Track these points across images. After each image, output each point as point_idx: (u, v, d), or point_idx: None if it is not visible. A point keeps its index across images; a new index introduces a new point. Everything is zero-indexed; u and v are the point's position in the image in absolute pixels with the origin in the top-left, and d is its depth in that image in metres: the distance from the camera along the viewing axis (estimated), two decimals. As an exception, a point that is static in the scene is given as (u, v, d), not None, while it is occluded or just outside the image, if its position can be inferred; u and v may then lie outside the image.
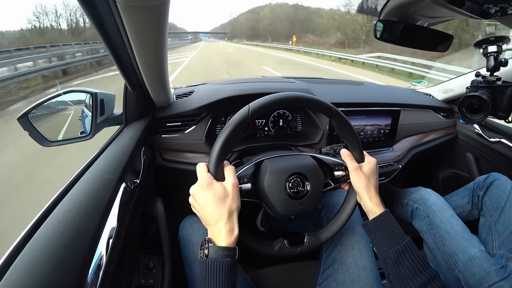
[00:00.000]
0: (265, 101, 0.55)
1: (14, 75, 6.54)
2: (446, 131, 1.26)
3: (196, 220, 0.75)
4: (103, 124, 0.79)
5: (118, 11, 0.45)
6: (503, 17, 0.56)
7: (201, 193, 0.51)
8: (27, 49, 11.77)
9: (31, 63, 7.24)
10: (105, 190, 0.53)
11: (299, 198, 0.60)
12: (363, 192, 0.61)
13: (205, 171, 0.53)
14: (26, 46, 12.54)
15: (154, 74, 0.71)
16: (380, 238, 0.58)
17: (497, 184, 0.89)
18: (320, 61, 13.99)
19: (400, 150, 1.12)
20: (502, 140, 1.09)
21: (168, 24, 0.53)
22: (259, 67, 11.58)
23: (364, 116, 1.02)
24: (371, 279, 0.65)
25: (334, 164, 0.66)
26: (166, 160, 0.93)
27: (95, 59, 10.76)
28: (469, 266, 0.74)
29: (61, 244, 0.39)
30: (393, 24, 0.71)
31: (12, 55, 9.82)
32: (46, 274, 0.35)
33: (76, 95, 0.77)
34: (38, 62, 7.63)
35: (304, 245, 0.62)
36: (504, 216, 0.83)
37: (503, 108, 0.82)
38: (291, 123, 1.05)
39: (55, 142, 0.73)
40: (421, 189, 1.01)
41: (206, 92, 1.02)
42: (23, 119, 0.66)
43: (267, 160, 0.63)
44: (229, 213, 0.50)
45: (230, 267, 0.47)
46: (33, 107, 0.67)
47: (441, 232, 0.84)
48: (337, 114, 0.59)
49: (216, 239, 0.50)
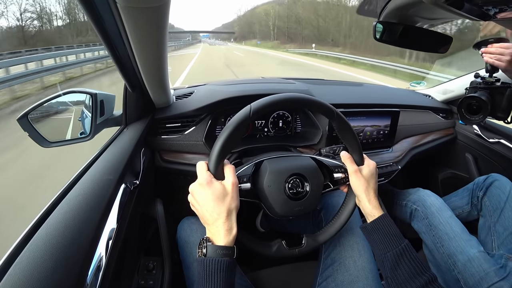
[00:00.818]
0: (267, 101, 0.55)
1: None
2: (445, 132, 1.27)
3: (194, 221, 0.75)
4: (102, 125, 0.79)
5: (118, 12, 0.45)
6: (502, 19, 0.56)
7: (200, 191, 0.51)
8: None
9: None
10: (104, 191, 0.53)
11: (298, 199, 0.60)
12: (362, 195, 0.61)
13: (205, 169, 0.53)
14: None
15: (154, 75, 0.71)
16: (378, 241, 0.58)
17: (496, 184, 0.89)
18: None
19: (400, 151, 1.13)
20: (501, 140, 1.10)
21: (168, 25, 0.53)
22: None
23: (363, 117, 1.02)
24: (370, 279, 0.65)
25: (333, 166, 0.66)
26: (165, 161, 0.93)
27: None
28: (468, 266, 0.74)
29: (60, 245, 0.39)
30: (392, 26, 0.71)
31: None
32: (46, 275, 0.34)
33: (76, 95, 0.77)
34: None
35: (302, 246, 0.62)
36: (504, 216, 0.83)
37: (502, 109, 0.82)
38: (290, 124, 1.05)
39: (54, 143, 0.72)
40: (419, 190, 1.01)
41: (206, 93, 1.02)
42: (23, 120, 0.66)
43: (267, 160, 0.63)
44: (228, 212, 0.50)
45: (228, 266, 0.47)
46: (33, 107, 0.67)
47: (440, 233, 0.84)
48: (337, 116, 0.60)
49: (215, 238, 0.49)
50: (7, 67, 5.68)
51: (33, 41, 29.49)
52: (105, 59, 10.02)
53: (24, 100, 5.33)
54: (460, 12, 0.52)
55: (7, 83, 5.32)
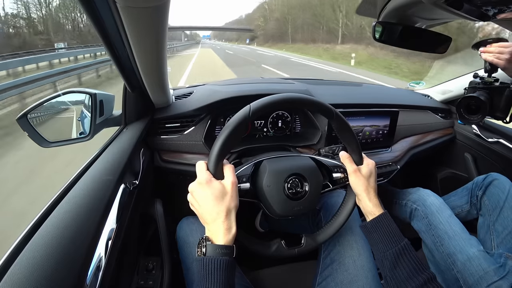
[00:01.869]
0: (267, 101, 0.55)
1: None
2: (444, 132, 1.27)
3: (194, 221, 0.75)
4: (102, 125, 0.79)
5: (118, 12, 0.45)
6: (502, 19, 0.56)
7: (199, 191, 0.51)
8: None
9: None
10: (104, 191, 0.53)
11: (298, 199, 0.60)
12: (363, 194, 0.61)
13: (205, 169, 0.53)
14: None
15: (153, 75, 0.71)
16: (378, 239, 0.58)
17: (495, 184, 0.90)
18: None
19: (399, 151, 1.13)
20: (500, 140, 1.10)
21: (167, 25, 0.53)
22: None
23: (362, 117, 1.02)
24: (369, 279, 0.65)
25: (332, 166, 0.66)
26: (165, 161, 0.93)
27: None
28: (468, 265, 0.74)
29: (60, 245, 0.39)
30: (392, 26, 0.71)
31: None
32: (45, 276, 0.34)
33: (75, 95, 0.77)
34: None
35: (301, 246, 0.62)
36: (503, 215, 0.83)
37: (501, 109, 0.83)
38: (290, 124, 1.05)
39: (54, 143, 0.72)
40: (420, 189, 1.01)
41: (205, 93, 1.02)
42: (22, 120, 0.66)
43: (266, 160, 0.63)
44: (227, 211, 0.50)
45: (227, 265, 0.47)
46: (33, 107, 0.67)
47: (439, 232, 0.84)
48: (336, 116, 0.60)
49: (214, 237, 0.49)
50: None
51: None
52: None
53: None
54: (459, 13, 0.52)
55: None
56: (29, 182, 2.38)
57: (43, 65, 7.75)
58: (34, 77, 5.08)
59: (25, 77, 5.07)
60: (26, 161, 2.84)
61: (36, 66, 7.62)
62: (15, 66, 6.26)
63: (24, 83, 4.73)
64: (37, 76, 5.23)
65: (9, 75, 5.99)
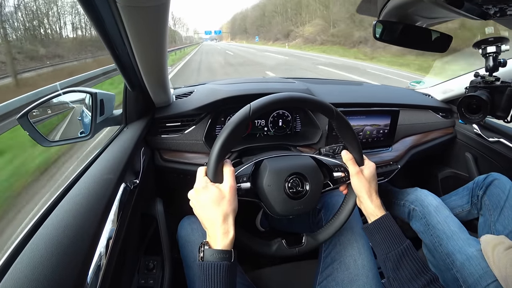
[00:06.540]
0: (267, 100, 0.55)
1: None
2: (445, 131, 1.26)
3: (195, 220, 0.75)
4: (102, 124, 0.79)
5: (118, 11, 0.45)
6: (502, 18, 0.56)
7: (196, 197, 0.52)
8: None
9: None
10: (104, 190, 0.53)
11: (298, 198, 0.60)
12: (365, 195, 0.61)
13: (202, 174, 0.54)
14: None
15: (154, 74, 0.71)
16: (380, 241, 0.58)
17: (496, 183, 0.89)
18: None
19: (399, 150, 1.13)
20: (501, 140, 1.10)
21: (168, 25, 0.53)
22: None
23: (363, 116, 1.02)
24: (370, 278, 0.65)
25: (333, 165, 0.66)
26: (165, 160, 0.93)
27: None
28: (467, 265, 0.74)
29: (61, 245, 0.39)
30: (392, 25, 0.71)
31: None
32: (46, 275, 0.35)
33: (76, 95, 0.77)
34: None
35: (302, 245, 0.62)
36: (504, 215, 0.83)
37: (502, 108, 0.82)
38: (290, 123, 1.05)
39: (54, 142, 0.72)
40: (417, 190, 1.01)
41: (206, 92, 1.02)
42: (23, 119, 0.66)
43: (266, 159, 0.63)
44: (224, 216, 0.50)
45: (226, 270, 0.47)
46: (33, 107, 0.67)
47: (438, 232, 0.85)
48: (337, 115, 0.60)
49: (212, 242, 0.50)
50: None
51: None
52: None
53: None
54: (460, 11, 0.52)
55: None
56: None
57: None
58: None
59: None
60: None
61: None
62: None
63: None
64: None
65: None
